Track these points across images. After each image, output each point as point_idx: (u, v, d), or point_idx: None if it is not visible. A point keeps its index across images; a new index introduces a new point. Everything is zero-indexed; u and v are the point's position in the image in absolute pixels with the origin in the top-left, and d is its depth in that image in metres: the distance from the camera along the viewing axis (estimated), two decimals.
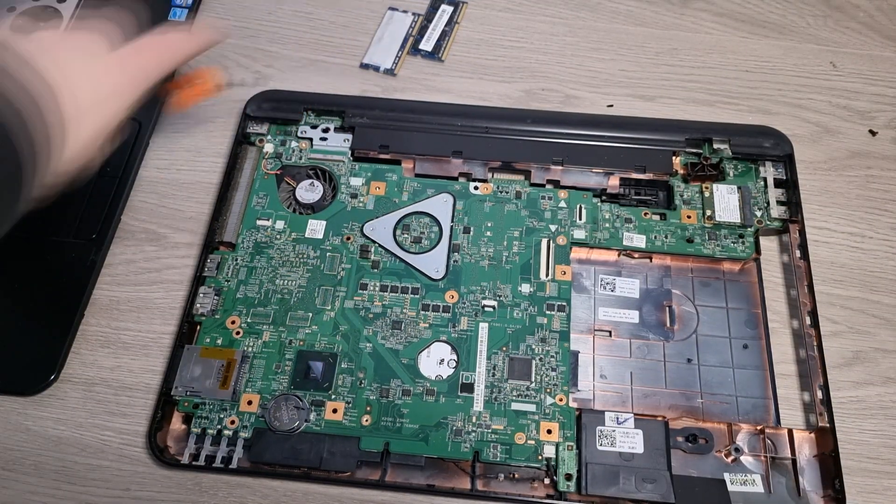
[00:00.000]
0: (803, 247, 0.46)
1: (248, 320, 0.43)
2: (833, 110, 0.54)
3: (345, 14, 0.59)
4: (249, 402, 0.41)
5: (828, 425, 0.40)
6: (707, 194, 0.48)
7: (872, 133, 0.53)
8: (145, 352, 0.44)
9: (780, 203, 0.48)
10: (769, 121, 0.53)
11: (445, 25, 0.57)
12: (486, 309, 0.44)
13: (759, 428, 0.41)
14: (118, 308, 0.46)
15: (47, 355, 0.43)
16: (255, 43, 0.57)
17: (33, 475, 0.41)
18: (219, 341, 0.43)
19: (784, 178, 0.49)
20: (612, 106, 0.54)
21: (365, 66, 0.56)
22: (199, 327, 0.43)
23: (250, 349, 0.43)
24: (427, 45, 0.57)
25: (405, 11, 0.58)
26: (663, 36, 0.58)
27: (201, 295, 0.44)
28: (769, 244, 0.48)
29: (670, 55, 0.57)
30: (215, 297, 0.44)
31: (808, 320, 0.44)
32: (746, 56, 0.57)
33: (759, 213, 0.47)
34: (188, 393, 0.41)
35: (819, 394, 0.41)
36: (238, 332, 0.43)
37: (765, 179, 0.49)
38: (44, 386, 0.43)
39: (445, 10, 0.58)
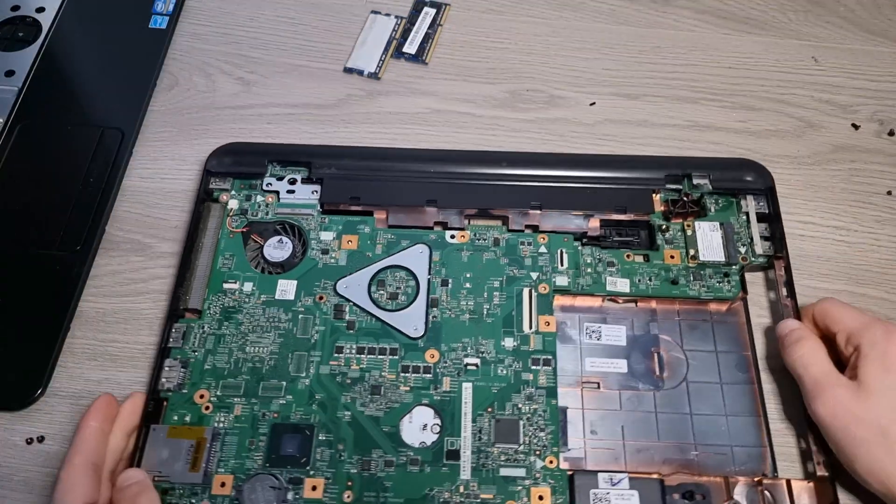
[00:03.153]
0: (789, 284, 0.45)
1: (218, 393, 0.41)
2: (816, 105, 0.54)
3: (327, 18, 0.58)
4: (223, 484, 0.38)
5: (826, 473, 0.39)
6: (689, 232, 0.47)
7: (855, 127, 0.53)
8: (133, 363, 0.43)
9: (763, 238, 0.47)
10: (753, 116, 0.53)
11: (428, 28, 0.57)
12: (469, 367, 0.42)
13: (756, 479, 0.39)
14: (104, 320, 0.45)
15: (33, 369, 0.43)
16: (238, 49, 0.56)
17: (22, 491, 0.40)
18: (187, 418, 0.40)
19: (766, 211, 0.48)
20: (594, 104, 0.54)
21: (349, 70, 0.55)
22: (165, 403, 0.41)
23: (221, 424, 0.40)
24: (410, 47, 0.56)
25: (388, 14, 0.58)
26: (646, 34, 0.58)
27: (167, 368, 0.41)
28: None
29: (653, 53, 0.57)
30: (182, 370, 0.41)
31: None
32: (728, 53, 0.57)
33: (742, 250, 0.46)
34: (155, 478, 0.38)
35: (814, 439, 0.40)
36: (207, 407, 0.41)
37: (747, 214, 0.47)
38: (30, 400, 0.42)
39: (428, 13, 0.58)
